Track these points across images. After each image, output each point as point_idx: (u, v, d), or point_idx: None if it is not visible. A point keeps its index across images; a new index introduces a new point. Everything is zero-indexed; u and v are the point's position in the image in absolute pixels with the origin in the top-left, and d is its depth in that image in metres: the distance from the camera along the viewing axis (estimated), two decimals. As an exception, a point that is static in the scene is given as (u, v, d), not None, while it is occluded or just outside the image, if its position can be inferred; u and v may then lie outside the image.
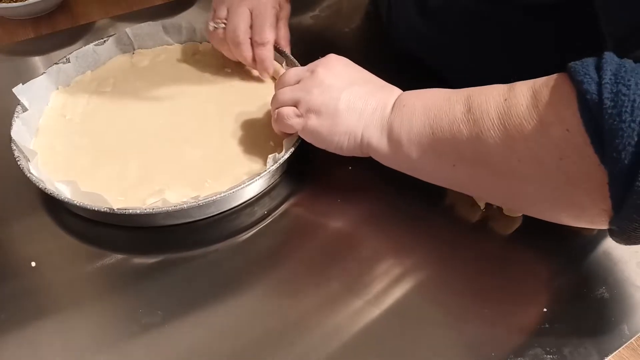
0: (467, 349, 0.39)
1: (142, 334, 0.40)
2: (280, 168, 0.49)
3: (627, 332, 0.40)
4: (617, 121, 0.29)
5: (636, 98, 0.29)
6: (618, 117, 0.29)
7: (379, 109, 0.44)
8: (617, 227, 0.33)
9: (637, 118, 0.29)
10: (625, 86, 0.30)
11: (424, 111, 0.41)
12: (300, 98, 0.45)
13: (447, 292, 0.43)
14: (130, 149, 0.52)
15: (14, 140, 0.49)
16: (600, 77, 0.31)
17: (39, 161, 0.50)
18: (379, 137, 0.43)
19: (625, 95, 0.29)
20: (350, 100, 0.44)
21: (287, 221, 0.48)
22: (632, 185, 0.30)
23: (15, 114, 0.52)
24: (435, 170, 0.42)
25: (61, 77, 0.58)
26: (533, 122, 0.34)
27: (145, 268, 0.44)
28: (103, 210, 0.43)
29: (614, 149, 0.30)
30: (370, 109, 0.44)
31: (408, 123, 0.42)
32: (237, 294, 0.42)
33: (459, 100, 0.39)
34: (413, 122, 0.41)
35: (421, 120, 0.41)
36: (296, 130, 0.46)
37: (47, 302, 0.42)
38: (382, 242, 0.46)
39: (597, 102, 0.30)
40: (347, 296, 0.42)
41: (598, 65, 0.32)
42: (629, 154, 0.29)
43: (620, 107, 0.29)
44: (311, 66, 0.47)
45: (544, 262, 0.44)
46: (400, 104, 0.43)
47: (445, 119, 0.39)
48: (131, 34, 0.62)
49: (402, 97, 0.44)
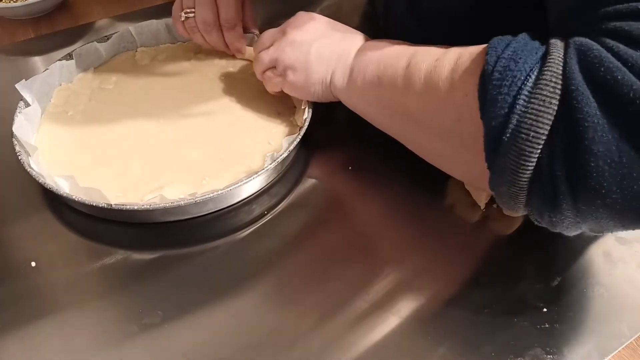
0: (467, 349, 0.39)
1: (142, 334, 0.40)
2: (278, 167, 0.49)
3: (627, 332, 0.40)
4: (497, 92, 0.32)
5: (517, 74, 0.31)
6: (499, 88, 0.32)
7: (344, 55, 0.47)
8: (493, 190, 0.35)
9: (512, 92, 0.31)
10: (515, 62, 0.32)
11: (377, 61, 0.44)
12: (276, 58, 0.50)
13: (446, 292, 0.42)
14: (131, 147, 0.52)
15: (15, 135, 0.49)
16: (502, 52, 0.33)
17: (40, 157, 0.50)
18: (342, 80, 0.47)
19: (511, 70, 0.31)
20: (319, 51, 0.48)
21: (286, 220, 0.48)
22: (497, 152, 0.32)
23: (18, 109, 0.52)
24: (378, 119, 0.47)
25: (64, 74, 0.59)
26: (447, 84, 0.37)
27: (145, 267, 0.44)
28: (101, 206, 0.43)
29: (488, 116, 0.32)
30: (336, 56, 0.48)
31: (363, 70, 0.45)
32: (236, 294, 0.42)
33: (405, 54, 0.42)
34: (367, 69, 0.45)
35: (373, 69, 0.44)
36: (280, 88, 0.52)
37: (47, 302, 0.42)
38: (382, 242, 0.46)
39: (489, 73, 0.33)
40: (347, 296, 0.42)
41: (509, 42, 0.33)
42: (498, 123, 0.31)
43: (502, 79, 0.32)
44: (283, 27, 0.51)
45: (544, 262, 0.44)
46: (362, 51, 0.47)
47: (390, 70, 0.42)
48: (134, 31, 0.63)
49: (364, 45, 0.47)
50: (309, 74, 0.48)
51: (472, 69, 0.35)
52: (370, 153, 0.53)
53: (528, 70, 0.31)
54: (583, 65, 0.29)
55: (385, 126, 0.46)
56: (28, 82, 0.53)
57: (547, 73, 0.30)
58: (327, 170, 0.52)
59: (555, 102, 0.29)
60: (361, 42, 0.48)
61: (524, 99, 0.30)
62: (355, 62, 0.46)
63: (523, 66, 0.31)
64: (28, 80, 0.53)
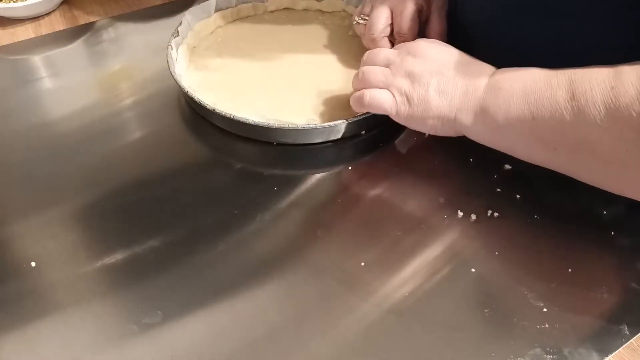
0: (467, 349, 0.39)
1: (142, 334, 0.40)
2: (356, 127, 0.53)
3: (627, 332, 0.40)
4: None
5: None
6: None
7: (471, 91, 0.44)
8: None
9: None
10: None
11: (523, 95, 0.41)
12: (390, 84, 0.47)
13: (446, 292, 0.43)
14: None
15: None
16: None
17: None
18: (473, 119, 0.44)
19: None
20: (440, 85, 0.45)
21: (287, 222, 0.47)
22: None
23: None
24: (534, 153, 0.43)
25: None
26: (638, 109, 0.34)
27: (145, 266, 0.44)
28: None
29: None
30: (461, 92, 0.45)
31: (505, 106, 0.42)
32: (237, 294, 0.42)
33: (560, 85, 0.39)
34: (511, 105, 0.41)
35: (520, 105, 0.41)
36: (388, 113, 0.48)
37: (47, 302, 0.42)
38: (382, 243, 0.46)
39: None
40: (349, 297, 0.42)
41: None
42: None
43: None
44: (402, 52, 0.49)
45: (544, 262, 0.44)
46: (495, 85, 0.43)
47: (547, 104, 0.39)
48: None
49: (496, 78, 0.44)
50: (428, 108, 0.46)
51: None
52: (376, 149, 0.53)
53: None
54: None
55: (540, 159, 0.43)
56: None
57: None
58: (327, 170, 0.52)
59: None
60: (486, 73, 0.45)
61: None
62: (488, 97, 0.43)
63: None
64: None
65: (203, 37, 0.64)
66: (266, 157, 0.53)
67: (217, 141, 0.55)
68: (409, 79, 0.47)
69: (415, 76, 0.46)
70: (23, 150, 0.54)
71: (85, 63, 0.66)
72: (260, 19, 0.68)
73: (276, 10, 0.70)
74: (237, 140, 0.54)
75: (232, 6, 0.67)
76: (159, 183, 0.51)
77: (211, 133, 0.55)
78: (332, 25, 0.67)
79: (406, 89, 0.47)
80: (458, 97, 0.45)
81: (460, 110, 0.45)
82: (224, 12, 0.66)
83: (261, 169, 0.52)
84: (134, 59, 0.66)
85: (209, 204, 0.48)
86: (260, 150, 0.53)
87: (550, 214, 0.45)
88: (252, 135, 0.53)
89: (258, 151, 0.54)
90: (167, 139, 0.55)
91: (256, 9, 0.69)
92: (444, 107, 0.45)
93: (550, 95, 0.39)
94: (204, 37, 0.64)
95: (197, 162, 0.53)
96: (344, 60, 0.62)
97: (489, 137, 0.45)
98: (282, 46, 0.63)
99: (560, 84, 0.39)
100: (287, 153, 0.53)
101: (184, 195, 0.49)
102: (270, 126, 0.50)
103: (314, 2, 0.70)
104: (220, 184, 0.51)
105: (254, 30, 0.66)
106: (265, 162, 0.53)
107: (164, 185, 0.51)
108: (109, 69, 0.64)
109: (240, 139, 0.54)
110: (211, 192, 0.50)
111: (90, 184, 0.50)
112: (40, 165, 0.52)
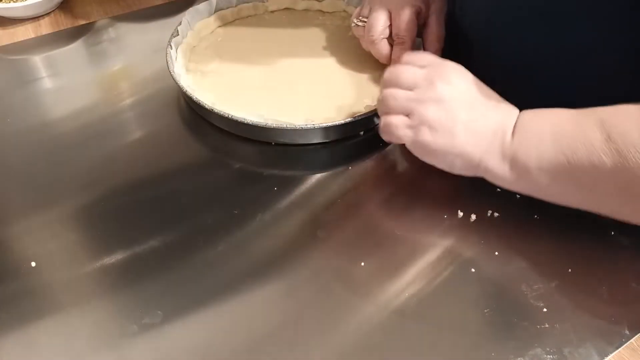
0: (467, 349, 0.39)
1: (142, 334, 0.40)
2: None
3: (627, 332, 0.40)
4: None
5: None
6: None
7: (499, 133, 0.42)
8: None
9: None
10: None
11: (554, 138, 0.39)
12: (414, 109, 0.44)
13: (446, 292, 0.43)
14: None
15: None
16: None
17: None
18: (500, 163, 0.42)
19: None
20: (469, 121, 0.42)
21: (287, 222, 0.47)
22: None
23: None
24: (571, 196, 0.41)
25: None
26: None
27: (145, 267, 0.44)
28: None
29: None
30: (490, 133, 0.42)
31: (536, 151, 0.40)
32: (236, 294, 0.42)
33: (591, 125, 0.38)
34: (542, 150, 0.40)
35: (552, 149, 0.39)
36: (404, 142, 0.45)
37: (47, 302, 0.42)
38: (382, 243, 0.46)
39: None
40: (348, 297, 0.42)
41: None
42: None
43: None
44: (429, 74, 0.45)
45: (544, 262, 0.44)
46: (523, 128, 0.41)
47: (581, 148, 0.38)
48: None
49: (523, 121, 0.42)
50: (452, 143, 0.42)
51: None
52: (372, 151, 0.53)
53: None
54: None
55: (578, 202, 0.41)
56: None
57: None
58: (326, 171, 0.52)
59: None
60: (515, 115, 0.43)
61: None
62: (517, 142, 0.41)
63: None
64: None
65: (203, 37, 0.64)
66: (266, 157, 0.53)
67: (217, 141, 0.55)
68: (436, 106, 0.43)
69: (444, 104, 0.43)
70: (23, 150, 0.54)
71: (85, 63, 0.66)
72: (261, 19, 0.68)
73: (277, 10, 0.70)
74: (237, 140, 0.54)
75: (232, 6, 0.67)
76: (158, 183, 0.51)
77: (211, 133, 0.55)
78: (333, 26, 0.67)
79: (432, 116, 0.43)
80: (486, 138, 0.42)
81: (486, 152, 0.42)
82: (224, 12, 0.66)
83: (261, 169, 0.52)
84: (134, 59, 0.66)
85: (209, 204, 0.48)
86: (260, 150, 0.53)
87: (550, 214, 0.45)
88: (251, 135, 0.53)
89: (258, 151, 0.54)
90: (166, 139, 0.55)
91: (256, 9, 0.69)
92: (469, 146, 0.42)
93: (583, 137, 0.38)
94: (204, 37, 0.64)
95: (197, 162, 0.53)
96: (344, 60, 0.62)
97: (517, 182, 0.42)
98: (282, 46, 0.63)
99: (591, 125, 0.38)
100: (286, 153, 0.53)
101: (183, 195, 0.49)
102: (268, 126, 0.50)
103: (315, 2, 0.70)
104: (220, 184, 0.51)
105: (254, 30, 0.66)
106: (265, 162, 0.53)
107: (164, 185, 0.51)
108: (109, 69, 0.64)
109: (240, 139, 0.54)
110: (211, 192, 0.50)
111: (90, 184, 0.50)
112: (40, 165, 0.53)
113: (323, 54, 0.63)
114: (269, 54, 0.62)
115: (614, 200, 0.39)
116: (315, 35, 0.65)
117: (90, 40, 0.62)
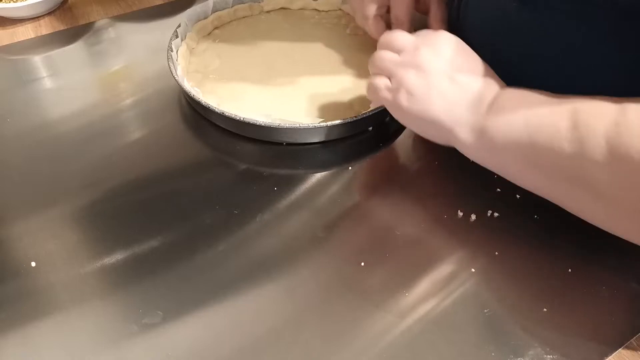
0: (467, 349, 0.39)
1: (142, 334, 0.40)
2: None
3: (627, 332, 0.40)
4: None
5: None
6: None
7: (474, 105, 0.42)
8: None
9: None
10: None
11: (525, 119, 0.39)
12: (395, 73, 0.45)
13: (446, 292, 0.43)
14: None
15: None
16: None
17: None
18: (469, 134, 0.42)
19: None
20: (446, 90, 0.43)
21: (287, 222, 0.48)
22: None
23: None
24: (527, 179, 0.42)
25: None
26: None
27: (145, 266, 0.44)
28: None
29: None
30: (465, 104, 0.42)
31: (506, 128, 0.40)
32: (237, 294, 0.42)
33: (564, 112, 0.37)
34: (512, 128, 0.40)
35: (520, 128, 0.39)
36: (382, 103, 0.47)
37: (47, 302, 0.42)
38: (382, 243, 0.46)
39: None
40: (348, 297, 0.42)
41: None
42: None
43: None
44: (418, 40, 0.46)
45: (544, 262, 0.44)
46: (499, 104, 0.41)
47: (547, 131, 0.38)
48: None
49: (502, 97, 0.42)
50: (426, 109, 0.43)
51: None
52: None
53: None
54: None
55: (532, 186, 0.42)
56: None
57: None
58: (327, 171, 0.52)
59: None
60: (494, 90, 0.43)
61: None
62: (490, 117, 0.41)
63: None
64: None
65: (201, 39, 0.64)
66: (266, 157, 0.53)
67: (217, 141, 0.55)
68: (416, 71, 0.44)
69: (424, 71, 0.43)
70: (23, 150, 0.54)
71: (85, 63, 0.66)
72: (257, 19, 0.68)
73: (272, 10, 0.70)
74: (237, 140, 0.54)
75: (228, 7, 0.67)
76: (159, 183, 0.51)
77: (211, 133, 0.55)
78: (329, 24, 0.67)
79: (410, 81, 0.44)
80: (460, 108, 0.42)
81: (458, 122, 0.43)
82: (220, 13, 0.66)
83: (261, 169, 0.52)
84: (134, 59, 0.66)
85: (209, 204, 0.48)
86: (260, 150, 0.53)
87: (550, 214, 0.45)
88: (251, 134, 0.54)
89: (258, 151, 0.54)
90: (166, 139, 0.55)
91: (252, 10, 0.69)
92: (442, 114, 0.43)
93: (551, 121, 0.38)
94: (202, 39, 0.64)
95: (197, 162, 0.53)
96: (341, 58, 0.62)
97: (481, 155, 0.43)
98: (280, 46, 0.63)
99: (563, 112, 0.38)
100: (287, 153, 0.53)
101: (184, 195, 0.49)
102: (268, 125, 0.50)
103: (310, 1, 0.70)
104: (220, 184, 0.51)
105: (251, 31, 0.66)
106: (265, 162, 0.53)
107: (164, 185, 0.51)
108: (109, 69, 0.64)
109: (240, 139, 0.54)
110: (211, 192, 0.50)
111: (91, 183, 0.50)
112: (40, 165, 0.53)
113: (320, 52, 0.63)
114: (266, 53, 0.62)
115: (564, 188, 0.39)
116: (312, 34, 0.65)
117: (90, 40, 0.62)
